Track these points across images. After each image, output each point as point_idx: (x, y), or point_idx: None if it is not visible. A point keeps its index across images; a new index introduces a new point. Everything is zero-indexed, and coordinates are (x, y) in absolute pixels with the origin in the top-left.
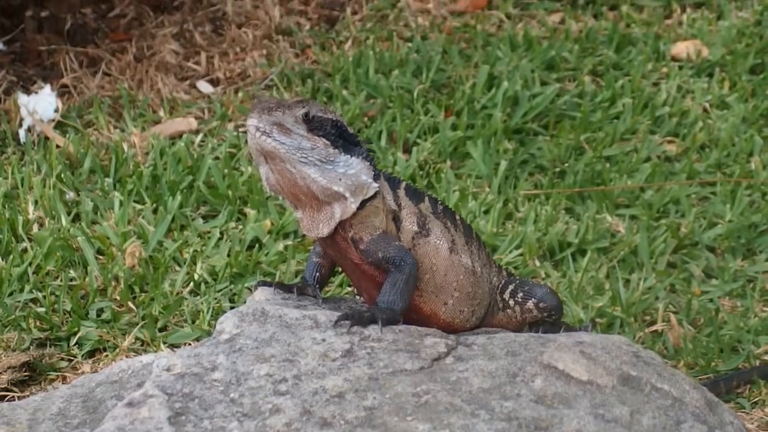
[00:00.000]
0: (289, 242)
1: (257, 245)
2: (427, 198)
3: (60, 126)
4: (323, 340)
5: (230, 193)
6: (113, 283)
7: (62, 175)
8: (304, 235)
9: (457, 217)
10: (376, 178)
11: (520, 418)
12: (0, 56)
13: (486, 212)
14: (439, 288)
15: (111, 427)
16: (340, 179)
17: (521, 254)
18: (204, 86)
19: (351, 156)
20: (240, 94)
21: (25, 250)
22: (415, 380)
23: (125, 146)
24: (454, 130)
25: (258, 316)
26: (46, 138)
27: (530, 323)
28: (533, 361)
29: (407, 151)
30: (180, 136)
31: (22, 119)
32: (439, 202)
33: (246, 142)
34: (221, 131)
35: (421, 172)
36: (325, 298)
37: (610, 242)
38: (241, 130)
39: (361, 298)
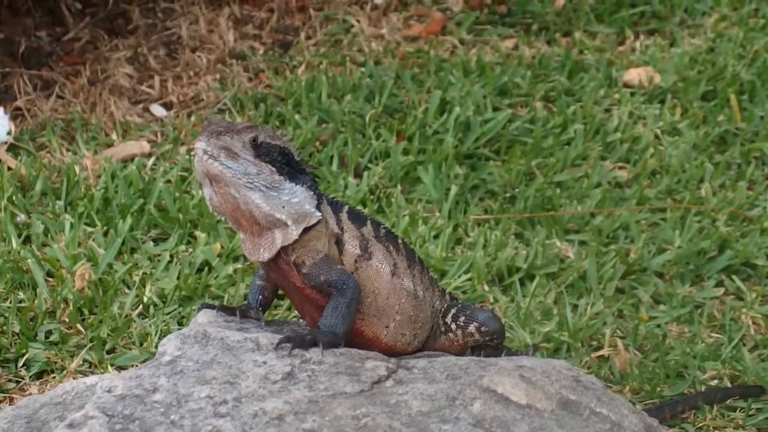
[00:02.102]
0: (239, 265)
1: (207, 268)
2: (369, 222)
3: (12, 149)
4: (264, 362)
5: (181, 216)
6: (62, 306)
7: (14, 198)
8: None
9: (400, 241)
10: (319, 204)
11: None
12: None
13: (436, 237)
14: (381, 311)
15: None
16: (283, 207)
17: (470, 279)
18: (157, 110)
19: (296, 184)
20: (193, 118)
21: None
22: (354, 403)
23: (77, 169)
24: (405, 154)
25: (200, 338)
26: None
27: (472, 347)
28: (473, 384)
29: (358, 175)
30: (132, 159)
31: None
32: (382, 226)
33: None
34: (173, 155)
35: (371, 197)
36: (268, 321)
37: (559, 267)
38: (192, 153)
39: (304, 322)
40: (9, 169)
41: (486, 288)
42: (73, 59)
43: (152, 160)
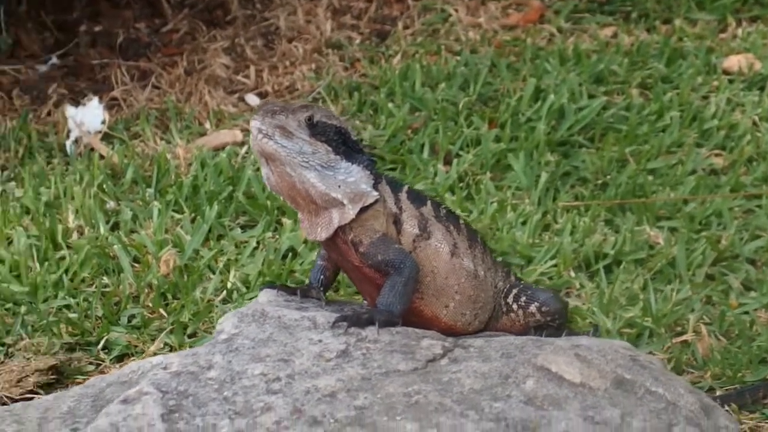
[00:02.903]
0: None
1: (292, 254)
2: (429, 201)
3: (106, 138)
4: (320, 340)
5: (269, 203)
6: (146, 290)
7: (104, 185)
8: None
9: (461, 221)
10: (377, 183)
11: (508, 419)
12: (53, 70)
13: (523, 223)
14: (440, 291)
15: (104, 423)
16: (339, 186)
17: (555, 265)
18: (252, 99)
19: (352, 163)
20: None
21: (62, 258)
22: (407, 381)
23: (169, 157)
24: (497, 142)
25: (257, 317)
26: (92, 149)
27: (534, 327)
28: (527, 363)
29: (448, 162)
30: (224, 147)
31: (69, 131)
32: (442, 206)
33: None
34: None
35: (461, 184)
36: (329, 301)
37: (647, 254)
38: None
39: (365, 301)
40: (101, 157)
41: (572, 274)
42: (171, 50)
43: (244, 148)
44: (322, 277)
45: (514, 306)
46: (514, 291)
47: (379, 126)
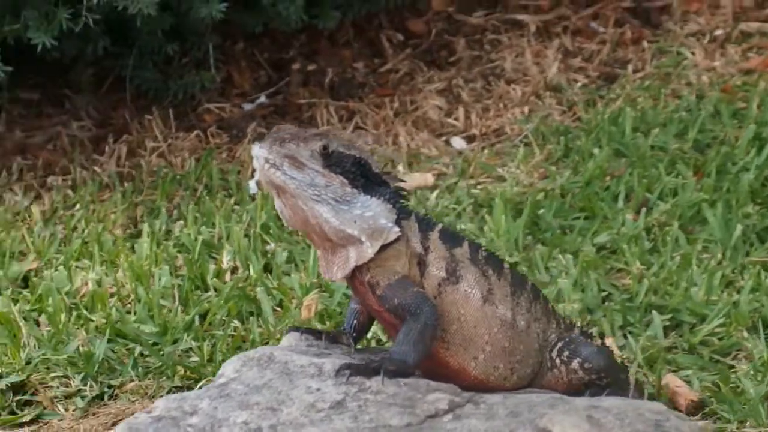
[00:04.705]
0: None
1: None
2: (466, 243)
3: None
4: (318, 389)
5: None
6: (278, 336)
7: (269, 226)
8: None
9: (505, 266)
10: (402, 219)
11: None
12: (259, 109)
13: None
14: (467, 341)
15: None
16: (355, 221)
17: (725, 324)
18: (458, 142)
19: (371, 197)
20: (486, 152)
21: (207, 300)
22: None
23: None
24: (699, 191)
25: (263, 361)
26: None
27: (584, 386)
28: (529, 423)
29: (639, 212)
30: (414, 191)
31: (254, 170)
32: (482, 248)
33: None
34: (456, 188)
35: (649, 235)
36: (363, 348)
37: None
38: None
39: None
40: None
41: (745, 335)
42: (385, 91)
43: (434, 193)
44: (355, 321)
45: (557, 361)
46: (559, 344)
47: (577, 172)
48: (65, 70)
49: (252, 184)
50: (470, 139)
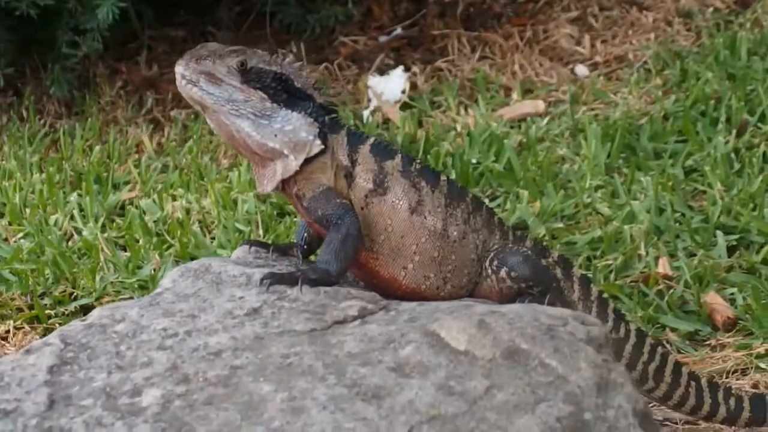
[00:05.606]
0: (559, 224)
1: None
2: (399, 156)
3: (406, 107)
4: (241, 297)
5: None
6: None
7: None
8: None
9: (443, 178)
10: (328, 133)
11: (363, 386)
12: (393, 41)
13: None
14: (395, 251)
15: None
16: (275, 135)
17: None
18: (581, 70)
19: (292, 111)
20: (602, 78)
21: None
22: (294, 341)
23: (458, 128)
24: None
25: (200, 272)
26: (388, 119)
27: (516, 295)
28: (420, 328)
29: (740, 134)
30: (524, 119)
31: (369, 100)
32: (417, 161)
33: None
34: (564, 114)
35: (738, 157)
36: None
37: None
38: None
39: None
40: (396, 127)
41: None
42: (520, 21)
43: (545, 120)
44: (305, 234)
45: (489, 271)
46: (491, 254)
47: (685, 95)
48: (210, 8)
49: (366, 113)
50: (594, 67)
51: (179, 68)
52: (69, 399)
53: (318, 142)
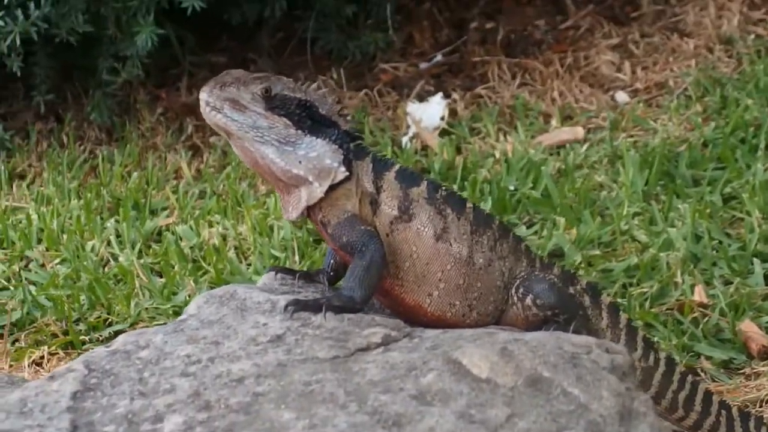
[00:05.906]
0: (596, 251)
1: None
2: (425, 183)
3: (445, 134)
4: (264, 324)
5: (559, 201)
6: None
7: None
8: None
9: (469, 205)
10: (352, 160)
11: (384, 413)
12: (434, 67)
13: None
14: (421, 278)
15: (15, 397)
16: (300, 162)
17: None
18: (621, 96)
19: (317, 138)
20: (641, 105)
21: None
22: (317, 369)
23: (497, 154)
24: None
25: (225, 299)
26: (426, 146)
27: (544, 323)
28: (442, 355)
29: None
30: (563, 146)
31: (408, 127)
32: (442, 188)
33: None
34: (603, 141)
35: None
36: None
37: None
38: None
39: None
40: (435, 154)
41: None
42: (561, 47)
43: (584, 147)
44: (331, 261)
45: (515, 298)
46: (517, 282)
47: (725, 121)
48: (252, 35)
49: (405, 139)
50: (634, 93)
51: (203, 95)
52: (91, 425)
53: (342, 168)
